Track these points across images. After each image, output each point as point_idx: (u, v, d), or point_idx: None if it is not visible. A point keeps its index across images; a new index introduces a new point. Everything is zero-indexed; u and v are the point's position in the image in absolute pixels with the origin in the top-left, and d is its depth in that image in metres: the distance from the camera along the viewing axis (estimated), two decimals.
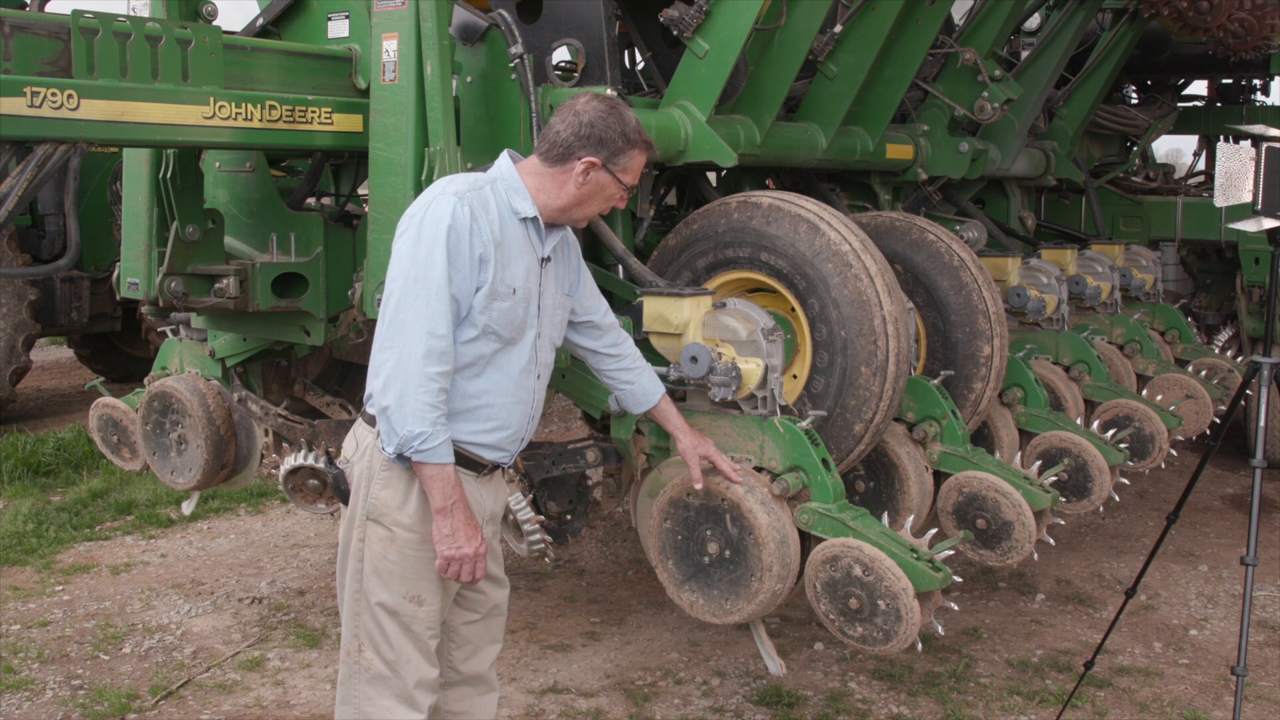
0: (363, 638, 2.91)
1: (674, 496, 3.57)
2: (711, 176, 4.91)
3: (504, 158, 2.93)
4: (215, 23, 3.67)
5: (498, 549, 3.15)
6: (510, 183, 2.86)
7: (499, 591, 3.15)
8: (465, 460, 2.88)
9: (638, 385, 3.31)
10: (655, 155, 3.00)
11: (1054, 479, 4.57)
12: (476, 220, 2.74)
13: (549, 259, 2.94)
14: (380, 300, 2.85)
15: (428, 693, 2.94)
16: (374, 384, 2.74)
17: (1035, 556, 4.26)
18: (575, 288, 3.11)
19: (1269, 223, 3.77)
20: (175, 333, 4.88)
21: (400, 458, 2.75)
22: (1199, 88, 8.76)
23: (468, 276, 2.73)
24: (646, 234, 4.54)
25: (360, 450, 2.90)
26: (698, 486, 3.43)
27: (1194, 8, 5.84)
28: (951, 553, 3.67)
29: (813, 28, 4.21)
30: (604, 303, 3.27)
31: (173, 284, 4.01)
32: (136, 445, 4.95)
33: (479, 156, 3.70)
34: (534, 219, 2.87)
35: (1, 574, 5.76)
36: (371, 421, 2.85)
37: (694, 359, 3.53)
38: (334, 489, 2.96)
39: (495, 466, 2.99)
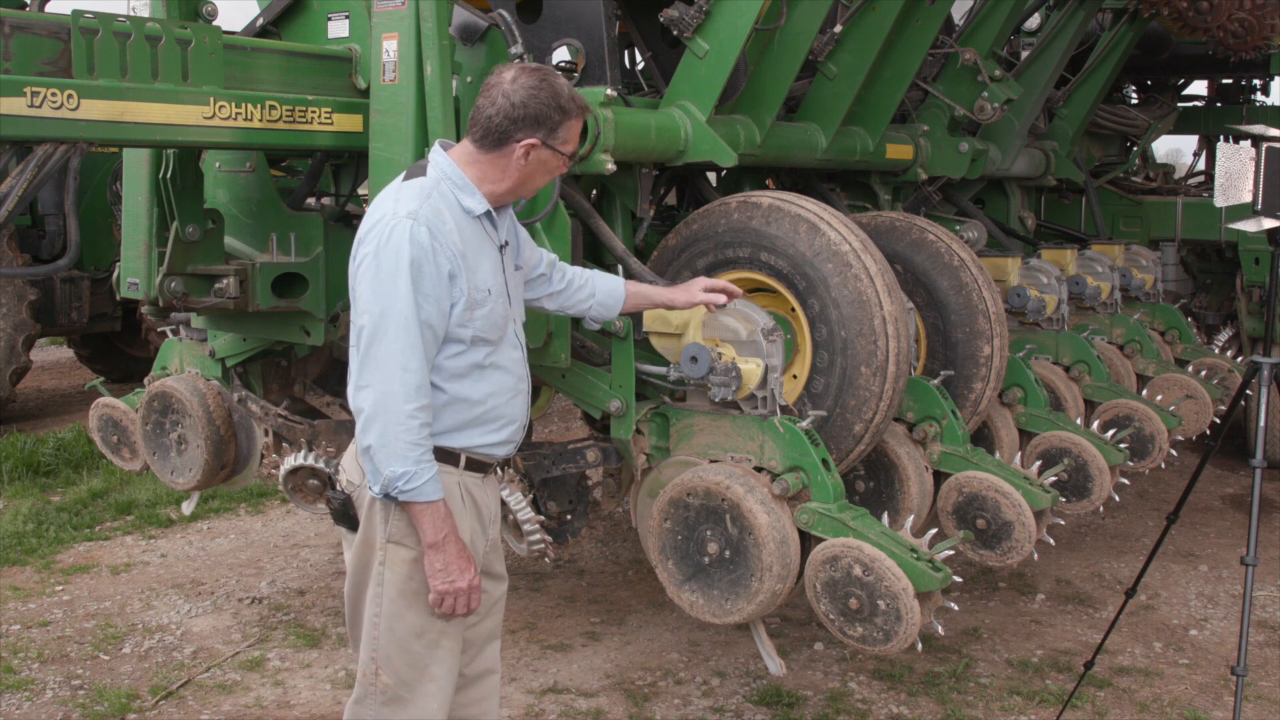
0: (380, 661, 2.82)
1: (674, 496, 3.57)
2: (711, 176, 4.90)
3: (439, 152, 2.80)
4: (215, 23, 3.67)
5: (500, 545, 3.14)
6: (455, 180, 2.75)
7: (499, 588, 3.11)
8: (475, 464, 2.85)
9: (599, 294, 3.26)
10: (591, 113, 2.91)
11: (1054, 479, 4.57)
12: (436, 238, 2.63)
13: (506, 243, 2.89)
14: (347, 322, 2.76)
15: (443, 716, 2.89)
16: (356, 420, 2.67)
17: (1035, 556, 4.26)
18: (518, 252, 3.00)
19: (1269, 223, 3.77)
20: (175, 333, 4.88)
21: (387, 496, 2.68)
22: (1199, 88, 8.77)
23: (439, 300, 2.65)
24: (646, 234, 4.54)
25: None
26: (724, 302, 3.41)
27: (1194, 8, 5.84)
28: (951, 553, 3.67)
29: (813, 28, 4.21)
30: (540, 249, 3.18)
31: (173, 284, 4.01)
32: (136, 445, 4.95)
33: None
34: (487, 212, 2.79)
35: (1, 574, 5.76)
36: None
37: (694, 359, 3.53)
38: (339, 515, 2.88)
39: (499, 463, 2.98)
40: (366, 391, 2.64)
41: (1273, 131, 3.85)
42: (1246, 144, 3.78)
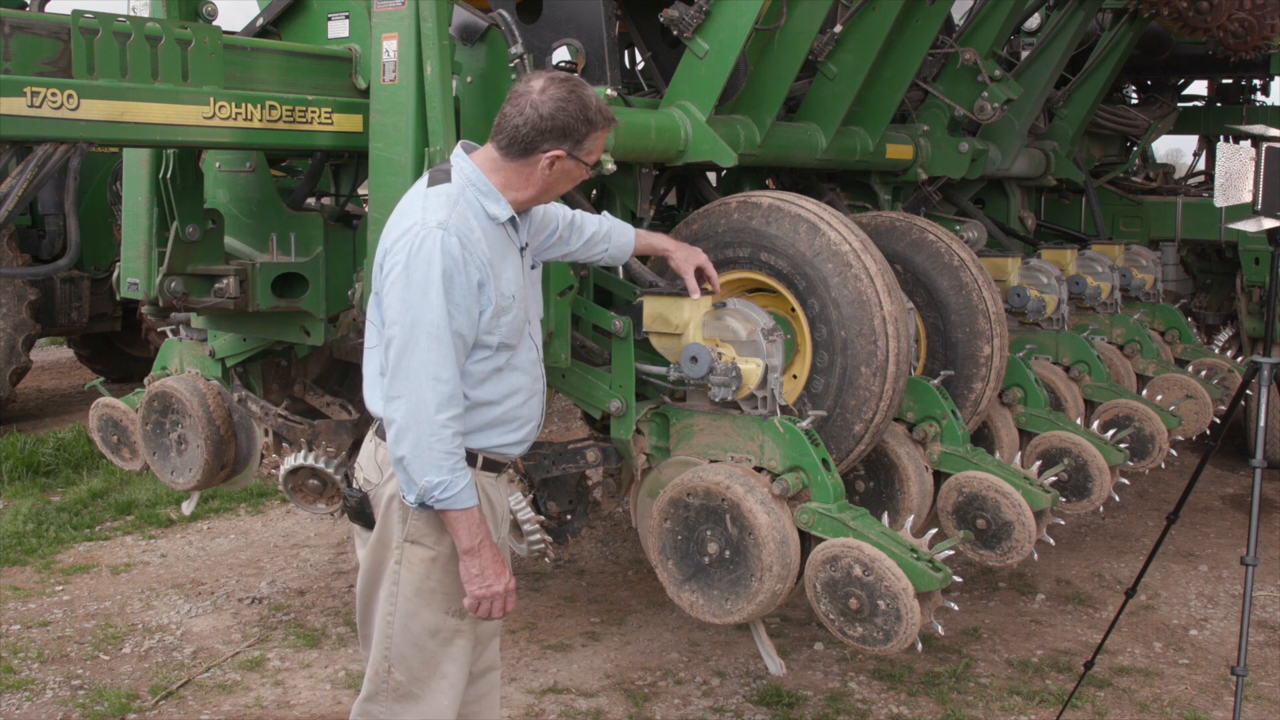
0: (393, 658, 2.85)
1: (674, 496, 3.57)
2: (711, 176, 4.91)
3: (462, 156, 2.80)
4: (215, 23, 3.67)
5: (506, 543, 3.16)
6: (480, 187, 2.75)
7: None
8: (490, 464, 2.88)
9: (613, 247, 3.35)
10: (618, 124, 3.01)
11: (1054, 479, 4.57)
12: (467, 248, 2.65)
13: (525, 245, 2.91)
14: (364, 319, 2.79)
15: (453, 714, 2.91)
16: (388, 431, 2.69)
17: (1035, 556, 4.26)
18: (530, 239, 3.00)
19: (1269, 223, 3.77)
20: (175, 333, 4.88)
21: (422, 505, 2.71)
22: (1199, 88, 8.77)
23: (469, 309, 2.67)
24: None
25: (387, 476, 2.83)
26: (696, 297, 3.50)
27: (1194, 8, 5.84)
28: (951, 553, 3.67)
29: (813, 28, 4.21)
30: (554, 216, 3.15)
31: (173, 284, 4.00)
32: (136, 445, 4.95)
33: None
34: (510, 218, 2.80)
35: (1, 574, 5.76)
36: None
37: (694, 359, 3.53)
38: (355, 513, 2.91)
39: (512, 463, 3.00)
40: (399, 402, 2.64)
41: (1273, 131, 3.85)
42: (1246, 144, 3.78)
